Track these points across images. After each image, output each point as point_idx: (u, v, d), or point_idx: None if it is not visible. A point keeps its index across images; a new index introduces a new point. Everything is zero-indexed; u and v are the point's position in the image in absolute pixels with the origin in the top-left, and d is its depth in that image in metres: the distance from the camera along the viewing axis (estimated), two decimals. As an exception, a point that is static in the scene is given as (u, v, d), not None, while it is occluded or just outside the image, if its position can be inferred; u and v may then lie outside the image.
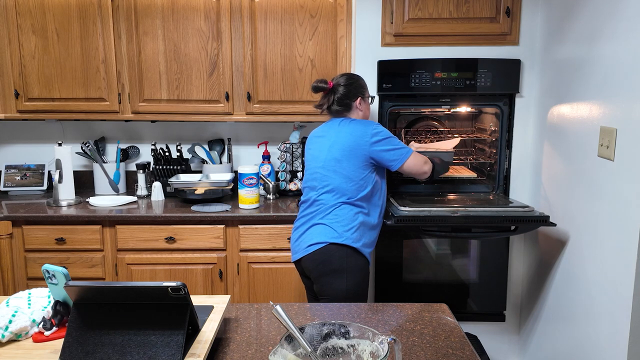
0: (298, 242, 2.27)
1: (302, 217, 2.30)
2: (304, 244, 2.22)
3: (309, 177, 2.32)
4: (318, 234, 2.19)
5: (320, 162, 2.27)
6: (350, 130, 2.23)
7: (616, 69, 1.88)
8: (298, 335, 1.05)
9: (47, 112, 2.92)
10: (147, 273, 2.74)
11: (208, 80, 2.86)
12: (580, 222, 2.15)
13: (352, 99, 2.31)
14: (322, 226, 2.20)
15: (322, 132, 2.35)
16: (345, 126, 2.27)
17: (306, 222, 2.26)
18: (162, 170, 3.08)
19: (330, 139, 2.27)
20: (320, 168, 2.26)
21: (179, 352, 1.15)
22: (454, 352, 1.32)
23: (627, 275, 1.79)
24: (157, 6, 2.79)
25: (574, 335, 2.21)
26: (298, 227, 2.31)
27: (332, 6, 2.78)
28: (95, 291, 1.22)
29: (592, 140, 2.04)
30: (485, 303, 2.84)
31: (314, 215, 2.24)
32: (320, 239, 2.18)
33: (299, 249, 2.25)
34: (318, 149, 2.31)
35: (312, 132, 2.42)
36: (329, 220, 2.19)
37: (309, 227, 2.24)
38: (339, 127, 2.28)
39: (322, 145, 2.29)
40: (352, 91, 2.31)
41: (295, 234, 2.32)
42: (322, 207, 2.22)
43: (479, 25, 2.60)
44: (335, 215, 2.19)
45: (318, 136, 2.35)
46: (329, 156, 2.24)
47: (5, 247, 2.68)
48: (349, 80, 2.32)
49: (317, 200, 2.25)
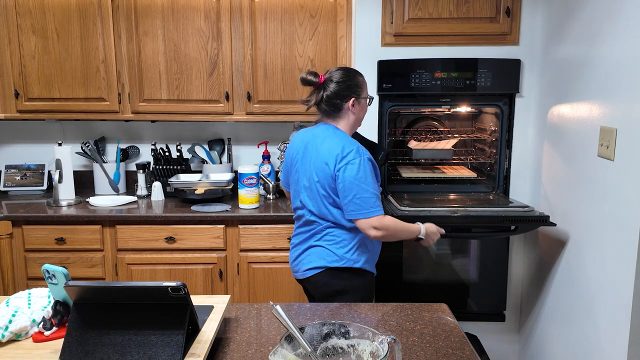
0: (296, 262, 2.11)
1: (298, 235, 2.13)
2: (302, 266, 2.07)
3: (297, 189, 2.08)
4: (316, 257, 2.02)
5: (306, 181, 2.03)
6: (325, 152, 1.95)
7: (616, 69, 1.88)
8: (298, 335, 1.05)
9: (47, 112, 2.92)
10: (147, 273, 2.74)
11: (208, 80, 2.86)
12: (580, 222, 2.15)
13: (343, 99, 1.99)
14: (320, 249, 2.02)
15: (307, 141, 2.05)
16: (325, 142, 1.98)
17: (303, 242, 2.09)
18: (162, 170, 3.08)
19: (311, 158, 2.01)
20: (307, 189, 2.03)
21: (179, 352, 1.15)
22: (454, 352, 1.32)
23: (627, 275, 1.79)
24: (157, 6, 2.79)
25: (573, 335, 2.21)
26: (296, 245, 2.13)
27: (332, 6, 2.78)
28: (95, 291, 1.22)
29: (592, 140, 2.04)
30: (485, 303, 2.84)
31: (310, 235, 2.06)
32: (319, 263, 2.01)
33: (298, 270, 2.11)
34: (302, 161, 2.05)
35: (297, 135, 2.16)
36: (326, 243, 2.01)
37: (306, 249, 2.07)
38: (320, 144, 1.99)
39: (305, 162, 2.04)
40: (345, 90, 1.99)
41: (293, 252, 2.15)
42: (318, 228, 2.03)
43: (479, 25, 2.60)
44: (333, 237, 2.00)
45: (304, 146, 2.06)
46: (312, 178, 1.99)
47: (5, 247, 2.68)
48: (343, 77, 2.00)
49: (311, 220, 2.04)
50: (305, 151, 2.05)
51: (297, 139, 2.14)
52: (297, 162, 2.09)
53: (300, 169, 2.07)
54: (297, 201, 2.10)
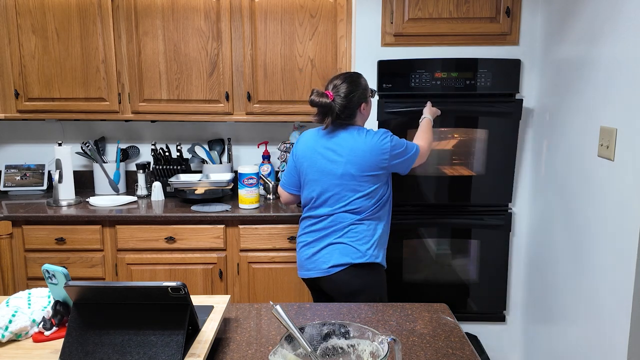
0: (312, 260, 2.14)
1: (312, 232, 2.17)
2: (322, 264, 2.11)
3: (317, 188, 2.14)
4: (339, 254, 2.08)
5: (336, 178, 2.10)
6: (367, 147, 2.08)
7: (616, 69, 1.88)
8: (298, 335, 1.05)
9: (47, 112, 2.92)
10: (147, 273, 2.74)
11: (208, 80, 2.86)
12: (580, 222, 2.15)
13: (355, 108, 2.12)
14: (342, 246, 2.09)
15: (328, 141, 2.14)
16: (357, 139, 2.10)
17: (320, 239, 2.13)
18: (162, 170, 3.08)
19: (343, 153, 2.09)
20: (336, 186, 2.10)
21: (179, 352, 1.15)
22: (454, 352, 1.32)
23: (627, 275, 1.79)
24: (157, 6, 2.79)
25: (574, 335, 2.21)
26: (310, 243, 2.16)
27: (332, 6, 2.78)
28: (95, 291, 1.22)
29: (592, 140, 2.04)
30: (485, 303, 2.84)
31: (330, 232, 2.12)
32: (342, 260, 2.08)
33: (313, 268, 2.14)
34: (328, 160, 2.12)
35: (308, 137, 2.22)
36: (348, 239, 2.09)
37: (326, 246, 2.11)
38: (350, 140, 2.10)
39: (334, 158, 2.11)
40: (355, 100, 2.11)
41: (306, 250, 2.17)
42: (339, 225, 2.10)
43: (479, 25, 2.60)
44: (355, 233, 2.09)
45: (324, 145, 2.14)
46: (345, 172, 2.08)
47: (5, 247, 2.68)
48: (349, 89, 2.09)
49: (333, 216, 2.11)
50: (330, 151, 2.12)
51: (310, 140, 2.19)
52: (319, 162, 2.14)
53: (325, 168, 2.12)
54: (314, 199, 2.16)
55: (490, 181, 2.72)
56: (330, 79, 2.17)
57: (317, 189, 2.15)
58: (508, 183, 2.74)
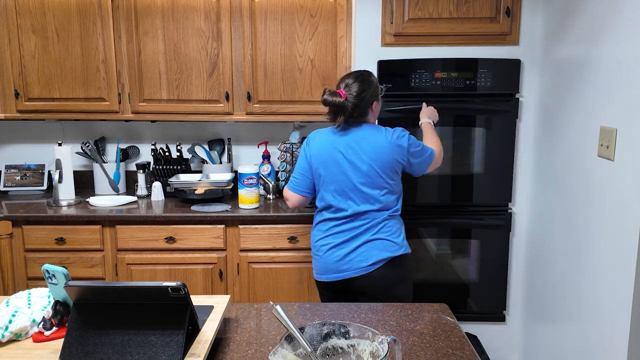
0: (345, 260, 2.11)
1: (340, 233, 2.14)
2: (360, 262, 2.10)
3: (339, 187, 2.12)
4: (378, 250, 2.10)
5: (361, 175, 2.10)
6: (387, 143, 2.10)
7: (616, 69, 1.88)
8: (298, 335, 1.05)
9: (47, 112, 2.92)
10: (147, 273, 2.74)
11: (208, 80, 2.86)
12: (580, 222, 2.15)
13: (367, 106, 2.14)
14: (380, 242, 2.11)
15: (346, 139, 2.12)
16: (377, 136, 2.11)
17: (353, 239, 2.12)
18: (162, 170, 3.08)
19: (366, 150, 2.10)
20: (362, 184, 2.10)
21: (179, 352, 1.15)
22: (454, 352, 1.32)
23: (627, 275, 1.79)
24: (157, 6, 2.79)
25: (573, 335, 2.21)
26: (340, 244, 2.13)
27: (332, 6, 2.78)
28: (95, 291, 1.22)
29: (592, 140, 2.04)
30: (485, 303, 2.84)
31: (363, 230, 2.11)
32: (382, 255, 2.09)
33: (348, 268, 2.11)
34: (350, 158, 2.11)
35: (321, 136, 2.20)
36: (385, 234, 2.11)
37: (362, 244, 2.11)
38: (371, 137, 2.11)
39: (356, 155, 2.10)
40: (367, 99, 2.12)
41: (336, 252, 2.13)
42: (374, 222, 2.11)
43: (479, 25, 2.60)
44: (389, 228, 2.13)
45: (344, 144, 2.12)
46: (370, 169, 2.09)
47: (5, 247, 2.68)
48: (361, 88, 2.10)
49: (363, 215, 2.11)
50: (350, 149, 2.11)
51: (324, 139, 2.17)
52: (340, 160, 2.12)
53: (348, 166, 2.11)
54: (336, 199, 2.14)
55: (491, 181, 2.72)
56: (342, 77, 2.18)
57: (340, 188, 2.13)
58: (508, 183, 2.74)
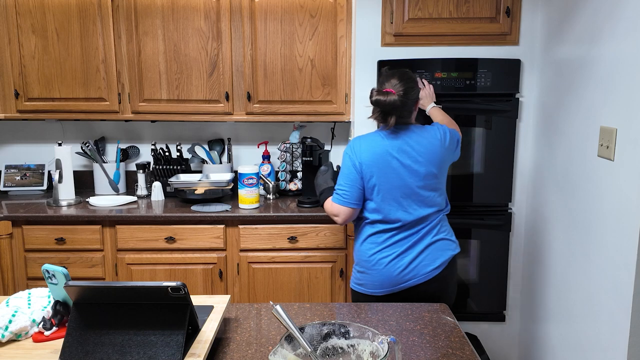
0: (410, 268, 2.01)
1: (398, 242, 2.03)
2: (425, 267, 2.02)
3: (397, 195, 2.01)
4: (442, 251, 2.06)
5: (419, 179, 2.01)
6: (439, 142, 2.05)
7: (616, 69, 1.88)
8: (298, 335, 1.05)
9: (47, 112, 2.92)
10: (147, 273, 2.74)
11: (208, 80, 2.86)
12: (580, 222, 2.15)
13: (412, 106, 2.05)
14: (442, 242, 2.07)
15: (398, 143, 2.01)
16: (427, 137, 2.04)
17: (414, 245, 2.03)
18: (162, 170, 3.08)
19: (421, 153, 2.01)
20: (420, 188, 2.02)
21: (179, 352, 1.15)
22: (454, 352, 1.32)
23: (627, 275, 1.79)
24: (157, 6, 2.79)
25: (573, 335, 2.21)
26: (401, 254, 2.03)
27: (332, 6, 2.78)
28: (95, 291, 1.22)
29: (592, 140, 2.04)
30: (485, 303, 2.84)
31: (424, 234, 2.04)
32: (447, 255, 2.06)
33: (414, 276, 2.02)
34: (407, 164, 2.00)
35: (371, 142, 2.04)
36: (444, 234, 2.08)
37: (425, 248, 2.03)
38: (422, 139, 2.03)
39: (414, 160, 2.00)
40: (413, 98, 2.04)
41: (398, 262, 2.02)
42: (432, 224, 2.05)
43: (479, 25, 2.60)
44: (445, 227, 2.10)
45: (398, 148, 2.00)
46: (428, 172, 2.02)
47: (5, 247, 2.69)
48: (409, 87, 2.00)
49: (423, 219, 2.03)
50: (404, 153, 2.01)
51: (375, 145, 2.02)
52: (397, 167, 2.00)
53: (406, 172, 2.00)
54: (393, 207, 2.02)
55: (490, 181, 2.72)
56: (384, 76, 2.06)
57: (397, 195, 2.02)
58: (508, 183, 2.74)
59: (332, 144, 3.22)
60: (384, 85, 2.02)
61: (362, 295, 2.11)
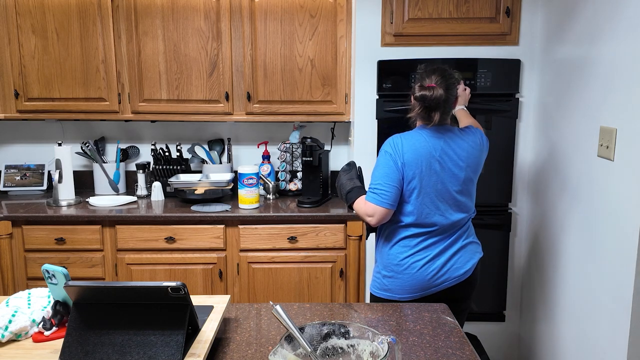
0: (443, 271, 1.98)
1: (431, 246, 1.98)
2: (458, 270, 2.00)
3: (435, 198, 1.95)
4: (472, 254, 2.05)
5: (458, 184, 1.96)
6: (478, 146, 2.01)
7: (616, 69, 1.88)
8: (298, 335, 1.05)
9: (47, 112, 2.92)
10: (147, 273, 2.74)
11: (208, 80, 2.86)
12: (580, 222, 2.15)
13: (452, 103, 1.98)
14: (471, 245, 2.06)
15: (441, 145, 1.94)
16: (468, 140, 1.99)
17: (447, 248, 1.99)
18: (162, 170, 3.08)
19: (462, 157, 1.96)
20: (458, 192, 1.97)
21: (179, 352, 1.15)
22: (454, 352, 1.32)
23: (627, 275, 1.79)
24: (157, 6, 2.79)
25: (573, 335, 2.21)
26: (434, 258, 1.98)
27: (332, 6, 2.78)
28: (95, 291, 1.22)
29: (592, 140, 2.04)
30: (485, 303, 2.84)
31: (456, 238, 2.01)
32: (476, 258, 2.06)
33: (447, 279, 1.99)
34: (449, 167, 1.94)
35: (415, 141, 1.93)
36: (472, 237, 2.08)
37: (457, 251, 2.01)
38: (462, 142, 1.97)
39: (454, 164, 1.95)
40: (453, 96, 1.97)
41: (431, 265, 1.97)
42: (462, 228, 2.04)
43: (479, 25, 2.60)
44: (472, 231, 2.10)
45: (441, 150, 1.93)
46: (467, 177, 1.98)
47: (5, 247, 2.69)
48: (450, 83, 1.93)
49: (455, 224, 2.00)
50: (446, 156, 1.94)
51: (420, 145, 1.93)
52: (438, 169, 1.93)
53: (447, 175, 1.95)
54: (433, 211, 1.96)
55: (490, 181, 2.72)
56: (423, 72, 1.96)
57: (435, 198, 1.95)
58: (508, 183, 2.74)
59: (332, 144, 3.22)
60: (424, 81, 1.92)
61: (387, 302, 2.01)
